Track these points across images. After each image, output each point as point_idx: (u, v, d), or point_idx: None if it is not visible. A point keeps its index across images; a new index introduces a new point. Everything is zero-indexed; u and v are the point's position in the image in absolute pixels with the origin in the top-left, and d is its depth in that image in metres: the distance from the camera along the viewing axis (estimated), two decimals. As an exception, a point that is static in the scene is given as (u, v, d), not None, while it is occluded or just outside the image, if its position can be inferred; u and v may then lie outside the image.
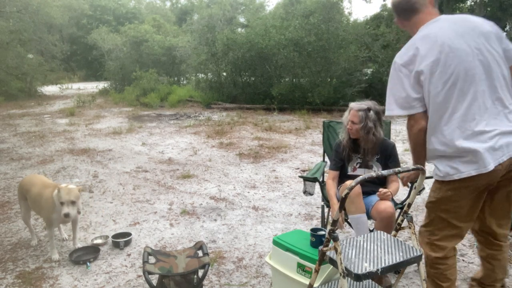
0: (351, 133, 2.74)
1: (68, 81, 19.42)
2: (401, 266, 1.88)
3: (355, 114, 2.69)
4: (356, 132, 2.71)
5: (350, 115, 2.72)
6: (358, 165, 2.79)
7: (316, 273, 1.93)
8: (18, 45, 14.41)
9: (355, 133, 2.72)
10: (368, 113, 2.67)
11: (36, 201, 2.98)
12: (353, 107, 2.72)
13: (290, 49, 10.47)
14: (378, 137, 2.71)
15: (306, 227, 3.44)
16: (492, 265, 2.11)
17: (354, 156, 2.80)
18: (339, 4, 11.66)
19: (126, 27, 17.49)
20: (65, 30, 22.64)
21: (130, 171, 5.34)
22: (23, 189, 3.15)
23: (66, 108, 11.62)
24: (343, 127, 2.84)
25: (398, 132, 7.62)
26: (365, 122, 2.66)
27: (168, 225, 3.59)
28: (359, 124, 2.67)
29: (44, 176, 3.33)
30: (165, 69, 16.15)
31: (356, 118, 2.68)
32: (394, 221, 2.46)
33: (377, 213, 2.48)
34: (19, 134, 8.07)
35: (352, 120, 2.70)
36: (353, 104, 2.76)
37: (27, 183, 3.13)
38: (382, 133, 2.74)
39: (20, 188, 3.21)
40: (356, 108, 2.70)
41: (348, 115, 2.76)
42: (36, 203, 2.99)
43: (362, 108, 2.70)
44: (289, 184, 4.71)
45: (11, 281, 2.70)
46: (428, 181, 2.21)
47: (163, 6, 31.87)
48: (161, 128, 8.61)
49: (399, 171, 1.89)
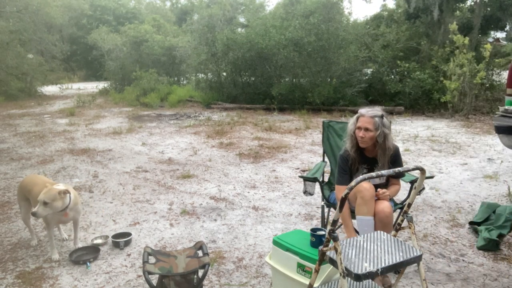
0: (363, 141, 2.57)
1: (68, 81, 19.40)
2: (401, 266, 1.88)
3: (369, 121, 2.53)
4: (370, 140, 2.55)
5: (361, 122, 2.55)
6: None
7: (316, 273, 1.93)
8: (18, 45, 14.40)
9: (368, 141, 2.56)
10: (383, 120, 2.55)
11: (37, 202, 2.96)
12: (366, 113, 2.56)
13: (290, 49, 10.47)
14: (394, 144, 2.61)
15: (306, 227, 3.44)
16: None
17: (361, 167, 2.66)
18: (339, 4, 11.65)
19: (126, 27, 17.48)
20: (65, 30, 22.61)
21: (130, 171, 5.34)
22: (24, 189, 3.14)
23: (66, 108, 11.61)
24: (347, 137, 2.67)
25: (398, 132, 7.62)
26: (381, 129, 2.52)
27: (168, 225, 3.59)
28: (375, 132, 2.52)
29: (45, 177, 3.32)
30: (165, 69, 16.14)
31: (371, 125, 2.52)
32: (392, 221, 2.46)
33: (375, 213, 2.48)
34: (19, 134, 8.07)
35: (366, 127, 2.53)
36: (364, 111, 2.60)
37: (29, 183, 3.12)
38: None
39: (20, 188, 3.19)
40: (371, 115, 2.55)
41: (355, 122, 2.60)
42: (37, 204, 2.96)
43: (377, 114, 2.55)
44: (289, 184, 4.71)
45: (11, 281, 2.70)
46: (428, 181, 2.22)
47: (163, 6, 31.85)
48: (161, 128, 8.61)
49: (399, 171, 1.89)
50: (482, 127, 7.99)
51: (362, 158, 2.67)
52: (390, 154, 2.59)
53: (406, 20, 11.94)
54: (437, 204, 3.97)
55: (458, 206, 3.91)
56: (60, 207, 2.80)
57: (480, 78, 8.72)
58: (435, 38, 10.92)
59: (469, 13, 11.20)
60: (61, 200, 2.79)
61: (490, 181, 4.63)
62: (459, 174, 4.96)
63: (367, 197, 2.41)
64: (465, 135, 7.31)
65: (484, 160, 5.57)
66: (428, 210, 3.82)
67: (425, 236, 3.26)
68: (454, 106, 9.24)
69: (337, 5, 11.43)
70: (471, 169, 5.16)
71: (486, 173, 4.95)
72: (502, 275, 2.66)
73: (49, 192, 2.75)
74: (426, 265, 2.80)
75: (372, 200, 2.44)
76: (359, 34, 11.25)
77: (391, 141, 2.59)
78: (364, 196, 2.43)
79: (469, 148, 6.30)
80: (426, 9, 11.08)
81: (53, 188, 2.78)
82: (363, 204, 2.43)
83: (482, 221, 3.32)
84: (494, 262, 2.83)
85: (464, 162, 5.50)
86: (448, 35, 9.57)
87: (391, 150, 2.60)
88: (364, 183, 2.45)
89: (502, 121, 4.14)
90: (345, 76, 10.81)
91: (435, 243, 3.14)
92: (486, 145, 6.41)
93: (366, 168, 2.66)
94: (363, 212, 2.44)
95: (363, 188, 2.44)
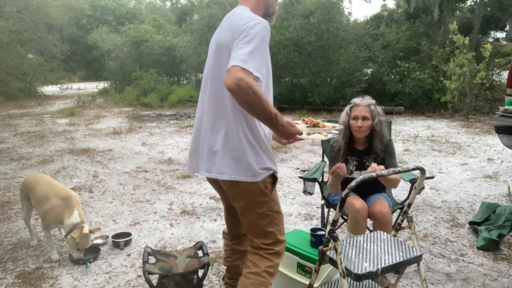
0: (361, 131, 2.55)
1: (68, 81, 19.35)
2: (401, 266, 1.88)
3: (366, 109, 2.53)
4: (368, 128, 2.54)
5: (358, 111, 2.54)
6: (355, 167, 2.65)
7: (316, 273, 1.93)
8: (18, 45, 14.39)
9: (366, 131, 2.55)
10: (377, 108, 2.58)
11: (40, 203, 2.94)
12: (361, 103, 2.56)
13: (290, 49, 10.47)
14: (387, 132, 2.63)
15: (306, 227, 3.44)
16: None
17: (351, 159, 2.66)
18: (339, 4, 11.63)
19: (126, 27, 17.46)
20: (65, 30, 22.59)
21: (130, 171, 5.34)
22: (26, 188, 3.12)
23: (66, 108, 11.61)
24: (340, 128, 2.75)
25: (398, 132, 7.62)
26: (377, 117, 2.54)
27: (168, 225, 3.59)
28: (372, 120, 2.53)
29: (49, 176, 3.32)
30: (165, 69, 16.13)
31: (368, 114, 2.52)
32: (391, 221, 2.45)
33: (372, 214, 2.47)
34: (19, 134, 8.07)
35: (364, 116, 2.52)
36: (358, 100, 2.60)
37: (31, 182, 3.10)
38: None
39: (23, 187, 3.18)
40: (366, 103, 2.55)
41: (349, 112, 2.60)
42: (39, 204, 2.94)
43: (371, 102, 2.57)
44: (289, 184, 4.71)
45: (11, 281, 2.70)
46: (428, 181, 2.22)
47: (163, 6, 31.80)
48: (161, 128, 8.61)
49: (399, 171, 1.89)
50: (482, 127, 7.99)
51: (352, 150, 2.66)
52: (385, 141, 2.59)
53: (406, 20, 11.93)
54: (437, 204, 3.97)
55: (458, 206, 3.91)
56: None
57: (480, 78, 8.72)
58: (435, 38, 10.92)
59: (469, 13, 11.18)
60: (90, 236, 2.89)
61: (490, 181, 4.63)
62: (459, 174, 4.96)
63: (359, 218, 2.40)
64: (465, 135, 7.31)
65: (484, 160, 5.57)
66: (428, 210, 3.82)
67: (425, 236, 3.26)
68: (454, 106, 9.24)
69: (337, 5, 11.41)
70: (471, 169, 5.16)
71: (486, 173, 4.95)
72: (502, 275, 2.66)
73: (89, 238, 2.83)
74: (426, 265, 2.80)
75: (365, 220, 2.43)
76: (359, 34, 11.24)
77: (385, 129, 2.61)
78: (356, 218, 2.41)
79: (469, 148, 6.30)
80: (426, 9, 11.08)
81: (89, 234, 2.83)
82: (355, 225, 2.42)
83: (482, 221, 3.31)
84: (494, 262, 2.83)
85: (464, 162, 5.50)
86: (448, 35, 9.56)
87: (387, 137, 2.61)
88: (357, 202, 2.44)
89: (502, 121, 4.15)
90: (345, 76, 10.81)
91: (435, 243, 3.14)
92: (486, 145, 6.42)
93: (356, 160, 2.65)
94: (356, 232, 2.43)
95: (355, 209, 2.41)
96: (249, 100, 1.51)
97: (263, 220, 1.81)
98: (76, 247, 2.80)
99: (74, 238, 2.74)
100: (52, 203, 2.87)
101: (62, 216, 2.84)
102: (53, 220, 2.89)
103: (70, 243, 2.82)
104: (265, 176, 1.75)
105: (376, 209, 2.45)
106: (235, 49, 1.59)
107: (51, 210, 2.86)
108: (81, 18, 24.99)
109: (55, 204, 2.86)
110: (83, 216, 2.92)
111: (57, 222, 2.90)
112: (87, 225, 2.87)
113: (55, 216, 2.86)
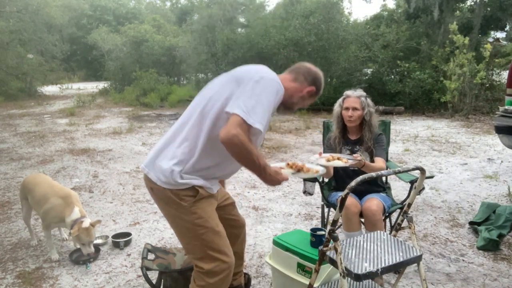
0: (351, 120, 2.73)
1: (68, 81, 19.34)
2: (401, 266, 1.88)
3: (356, 100, 2.71)
4: (358, 118, 2.72)
5: (349, 102, 2.73)
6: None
7: (316, 273, 1.93)
8: (18, 45, 14.38)
9: (356, 120, 2.72)
10: (367, 99, 2.75)
11: (39, 203, 2.93)
12: (352, 95, 2.75)
13: (290, 49, 10.47)
14: (376, 122, 2.78)
15: (306, 227, 3.44)
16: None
17: (344, 149, 2.82)
18: (339, 4, 11.64)
19: (126, 27, 17.46)
20: (65, 30, 22.56)
21: (130, 171, 5.34)
22: (25, 188, 3.12)
23: (66, 108, 11.61)
24: (333, 119, 2.86)
25: (398, 132, 7.62)
26: (367, 108, 2.71)
27: (168, 225, 3.58)
28: (362, 110, 2.70)
29: (48, 177, 3.31)
30: (165, 69, 16.12)
31: (358, 104, 2.70)
32: (381, 218, 2.48)
33: (362, 211, 2.54)
34: (19, 134, 8.07)
35: (354, 107, 2.70)
36: (350, 92, 2.79)
37: (31, 182, 3.10)
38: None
39: (22, 187, 3.18)
40: (357, 95, 2.74)
41: (342, 103, 2.78)
42: (39, 204, 2.94)
43: (362, 94, 2.76)
44: (289, 184, 4.71)
45: (11, 281, 2.70)
46: (428, 181, 2.22)
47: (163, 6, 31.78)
48: (161, 128, 8.61)
49: (399, 171, 1.89)
50: (482, 127, 7.99)
51: (345, 139, 2.83)
52: (375, 131, 2.76)
53: (406, 20, 11.93)
54: (437, 204, 3.97)
55: (458, 206, 3.91)
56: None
57: (480, 78, 8.72)
58: (435, 38, 10.91)
59: (469, 13, 11.18)
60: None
61: (490, 181, 4.63)
62: (459, 174, 4.96)
63: (350, 215, 2.49)
64: (465, 135, 7.31)
65: (484, 160, 5.57)
66: (428, 210, 3.82)
67: (425, 236, 3.26)
68: (454, 106, 9.24)
69: (337, 5, 11.42)
70: (471, 169, 5.16)
71: (486, 173, 4.95)
72: (502, 275, 2.66)
73: (91, 232, 2.81)
74: (426, 265, 2.80)
75: (356, 216, 2.51)
76: (359, 34, 11.24)
77: (375, 119, 2.77)
78: (346, 214, 2.50)
79: (469, 148, 6.30)
80: (426, 9, 11.08)
81: (89, 228, 2.80)
82: (347, 221, 2.52)
83: (482, 221, 3.31)
84: (494, 262, 2.83)
85: (464, 162, 5.50)
86: (448, 35, 9.56)
87: (376, 128, 2.77)
88: (348, 200, 2.46)
89: (502, 121, 4.15)
90: (345, 76, 10.80)
91: (435, 243, 3.14)
92: (486, 145, 6.41)
93: (349, 149, 2.80)
94: (349, 229, 2.52)
95: (345, 206, 2.43)
96: (239, 154, 1.59)
97: (184, 234, 1.79)
98: (79, 242, 2.79)
99: (74, 233, 2.74)
100: (52, 202, 2.86)
101: (63, 215, 2.83)
102: (54, 220, 2.88)
103: (73, 240, 2.83)
104: (180, 188, 1.72)
105: (365, 207, 2.52)
106: (243, 94, 1.61)
107: (51, 209, 2.86)
108: (81, 18, 25.00)
109: (55, 203, 2.86)
110: (84, 211, 2.92)
111: (58, 221, 2.89)
112: (88, 219, 2.85)
113: (56, 215, 2.85)
